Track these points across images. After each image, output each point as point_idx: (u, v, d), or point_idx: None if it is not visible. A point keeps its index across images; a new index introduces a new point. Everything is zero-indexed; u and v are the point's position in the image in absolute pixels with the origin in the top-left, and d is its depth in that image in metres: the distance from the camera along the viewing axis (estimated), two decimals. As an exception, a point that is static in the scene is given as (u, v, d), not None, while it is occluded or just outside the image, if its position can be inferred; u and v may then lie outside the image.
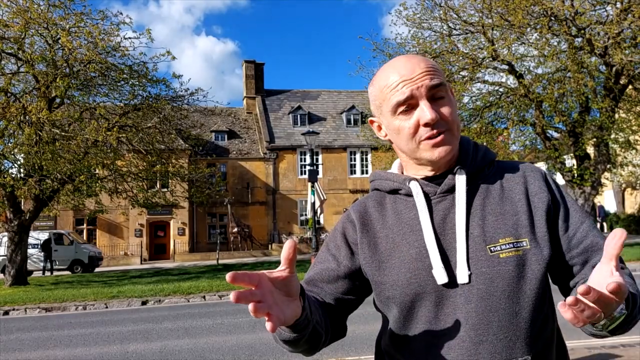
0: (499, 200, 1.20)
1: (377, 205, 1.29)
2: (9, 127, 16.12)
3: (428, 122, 1.15)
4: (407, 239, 1.20)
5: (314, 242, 16.72)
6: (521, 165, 1.28)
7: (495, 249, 1.14)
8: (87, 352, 7.37)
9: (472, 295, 1.12)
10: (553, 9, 15.04)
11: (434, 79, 1.17)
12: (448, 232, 1.18)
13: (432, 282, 1.15)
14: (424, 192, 1.22)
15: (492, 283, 1.12)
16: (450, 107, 1.19)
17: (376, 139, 23.31)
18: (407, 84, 1.16)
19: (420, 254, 1.17)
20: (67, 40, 15.06)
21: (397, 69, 1.19)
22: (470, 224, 1.17)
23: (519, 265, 1.13)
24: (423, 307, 1.16)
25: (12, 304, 12.56)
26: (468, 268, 1.13)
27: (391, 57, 18.68)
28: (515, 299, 1.12)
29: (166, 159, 19.79)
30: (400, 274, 1.18)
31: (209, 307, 11.34)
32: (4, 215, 18.22)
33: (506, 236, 1.15)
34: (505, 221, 1.17)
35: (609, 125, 15.91)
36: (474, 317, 1.12)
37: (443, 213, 1.20)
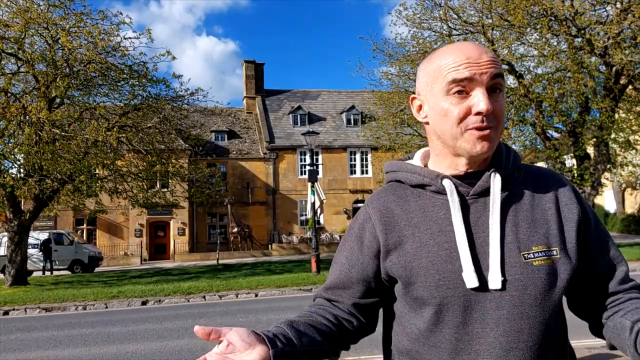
0: (530, 207, 1.18)
1: (399, 200, 1.24)
2: (9, 127, 16.12)
3: (481, 111, 1.10)
4: (436, 239, 1.16)
5: (314, 242, 16.71)
6: (548, 173, 1.26)
7: (529, 257, 1.13)
8: (87, 352, 7.37)
9: (504, 301, 1.11)
10: (553, 9, 15.04)
11: (498, 69, 1.13)
12: (480, 236, 1.15)
13: (461, 286, 1.12)
14: (457, 191, 1.18)
15: (525, 290, 1.11)
16: (502, 107, 1.15)
17: (376, 139, 23.32)
18: (472, 67, 1.11)
19: (450, 256, 1.14)
20: (67, 40, 15.05)
21: (464, 50, 1.14)
22: (504, 228, 1.15)
23: (549, 273, 1.12)
24: (451, 311, 1.13)
25: (12, 304, 12.57)
26: (502, 274, 1.11)
27: (391, 57, 18.84)
28: (546, 307, 1.12)
29: (166, 159, 19.78)
30: (428, 276, 1.14)
31: (209, 307, 11.34)
32: (4, 215, 18.22)
33: (539, 244, 1.14)
34: (537, 229, 1.15)
35: (609, 125, 15.91)
36: (505, 323, 1.10)
37: (475, 215, 1.16)
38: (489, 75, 1.11)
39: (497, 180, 1.17)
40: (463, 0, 17.15)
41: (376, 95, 21.97)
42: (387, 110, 21.46)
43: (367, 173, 35.48)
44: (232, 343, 1.03)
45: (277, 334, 1.11)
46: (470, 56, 1.12)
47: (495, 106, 1.12)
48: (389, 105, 21.06)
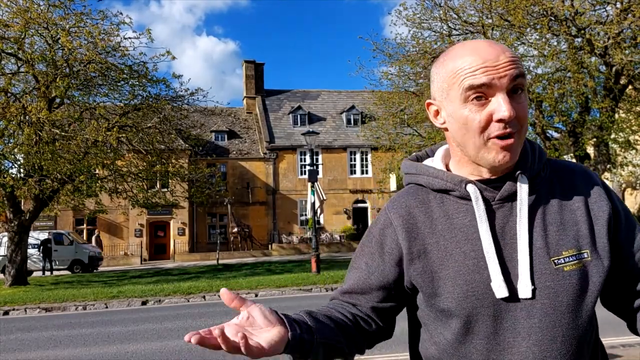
0: (558, 209, 1.12)
1: (421, 205, 1.18)
2: (9, 127, 16.12)
3: (503, 118, 1.04)
4: (461, 247, 1.11)
5: (314, 242, 16.71)
6: (575, 168, 1.19)
7: (559, 262, 1.08)
8: (87, 352, 7.36)
9: (535, 310, 1.07)
10: (553, 9, 15.04)
11: (520, 69, 1.06)
12: (508, 243, 1.10)
13: (490, 296, 1.08)
14: (482, 197, 1.12)
15: (557, 297, 1.07)
16: (526, 107, 1.08)
17: (376, 139, 23.31)
18: (489, 71, 1.04)
19: (477, 265, 1.09)
20: (67, 40, 15.06)
21: (479, 51, 1.06)
22: (532, 234, 1.10)
23: (581, 278, 1.08)
24: (481, 321, 1.10)
25: (12, 304, 12.57)
26: (532, 282, 1.07)
27: (391, 57, 18.84)
28: (578, 313, 1.08)
29: (166, 159, 19.78)
30: (456, 286, 1.10)
31: (209, 307, 11.34)
32: (4, 215, 18.23)
33: (569, 248, 1.09)
34: (567, 232, 1.10)
35: (608, 125, 15.91)
36: (538, 332, 1.07)
37: (502, 222, 1.11)
38: (508, 78, 1.04)
39: (524, 184, 1.11)
40: (463, 0, 17.16)
41: (376, 95, 21.97)
42: (387, 110, 21.46)
43: (367, 173, 35.48)
44: (253, 317, 1.03)
45: (297, 320, 1.10)
46: (487, 58, 1.05)
47: (517, 109, 1.05)
48: (389, 105, 21.06)
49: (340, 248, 31.12)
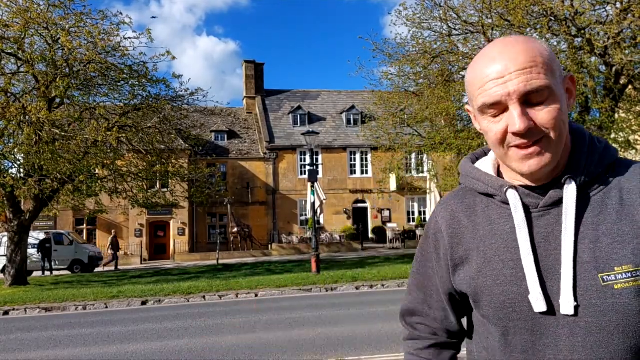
0: (617, 218, 1.02)
1: (467, 210, 1.15)
2: (9, 127, 16.12)
3: (516, 132, 1.00)
4: (500, 255, 1.07)
5: (314, 242, 16.70)
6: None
7: (609, 279, 0.99)
8: (87, 352, 7.37)
9: (579, 328, 1.00)
10: (553, 9, 15.04)
11: (532, 82, 0.98)
12: (551, 254, 1.04)
13: (528, 309, 1.03)
14: (523, 203, 1.06)
15: (604, 317, 0.99)
16: (553, 111, 1.00)
17: (376, 139, 23.32)
18: (498, 86, 1.00)
19: (515, 276, 1.05)
20: (67, 40, 15.05)
21: (490, 62, 1.02)
22: (579, 246, 1.01)
23: (638, 297, 0.97)
24: (518, 335, 1.05)
25: (12, 304, 12.56)
26: (575, 299, 1.00)
27: (391, 57, 18.84)
28: (632, 334, 0.98)
29: (166, 159, 19.78)
30: (493, 296, 1.07)
31: (209, 307, 11.34)
32: (4, 215, 18.22)
33: (623, 263, 0.99)
34: (624, 245, 1.00)
35: (609, 125, 15.91)
36: (581, 351, 1.00)
37: (545, 230, 1.05)
38: (517, 95, 0.99)
39: (571, 190, 1.03)
40: (463, 0, 17.15)
41: (376, 95, 21.96)
42: (387, 110, 21.46)
43: (367, 173, 35.48)
44: None
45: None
46: (495, 71, 1.01)
47: (537, 117, 1.00)
48: (389, 105, 21.06)
49: (340, 248, 31.11)
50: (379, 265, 18.14)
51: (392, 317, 8.60)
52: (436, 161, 23.11)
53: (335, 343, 6.97)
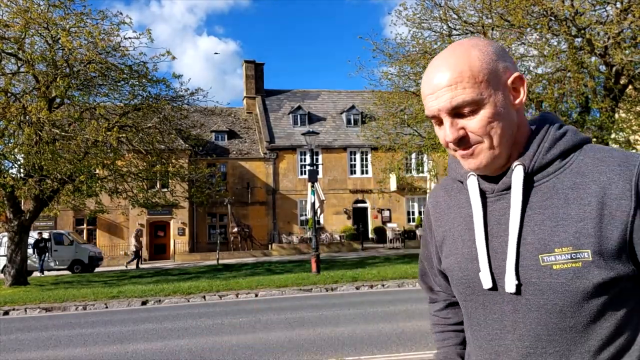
0: (564, 202, 1.05)
1: (446, 195, 1.27)
2: (9, 127, 16.12)
3: (448, 142, 1.09)
4: (462, 236, 1.17)
5: (314, 242, 16.71)
6: (613, 158, 1.06)
7: (548, 259, 1.03)
8: (87, 352, 7.37)
9: (521, 305, 1.06)
10: (553, 9, 15.04)
11: (456, 98, 1.05)
12: (501, 235, 1.10)
13: (479, 285, 1.12)
14: (481, 189, 1.14)
15: (543, 295, 1.04)
16: (482, 119, 1.06)
17: (376, 139, 23.32)
18: (432, 101, 1.09)
19: (471, 255, 1.14)
20: (67, 40, 15.05)
21: (428, 77, 1.10)
22: (524, 228, 1.07)
23: (575, 278, 1.01)
24: (474, 308, 1.16)
25: (12, 304, 12.56)
26: (517, 278, 1.05)
27: (391, 57, 18.83)
28: (570, 314, 1.02)
29: (166, 159, 19.78)
30: (456, 271, 1.18)
31: (209, 307, 11.34)
32: (4, 215, 18.22)
33: (563, 245, 1.02)
34: (567, 228, 1.03)
35: (609, 125, 15.91)
36: (522, 327, 1.07)
37: (498, 214, 1.11)
38: (446, 110, 1.07)
39: (518, 176, 1.09)
40: (463, 0, 17.16)
41: (376, 95, 21.97)
42: (387, 110, 21.46)
43: (367, 173, 35.47)
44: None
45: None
46: (430, 87, 1.09)
47: (468, 127, 1.07)
48: (389, 105, 21.06)
49: (341, 248, 31.11)
50: (379, 265, 18.14)
51: (392, 317, 8.60)
52: (436, 161, 23.11)
53: (335, 343, 6.97)
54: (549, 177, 1.09)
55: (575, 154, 1.10)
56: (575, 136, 1.12)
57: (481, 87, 1.05)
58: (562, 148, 1.10)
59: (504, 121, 1.07)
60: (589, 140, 1.13)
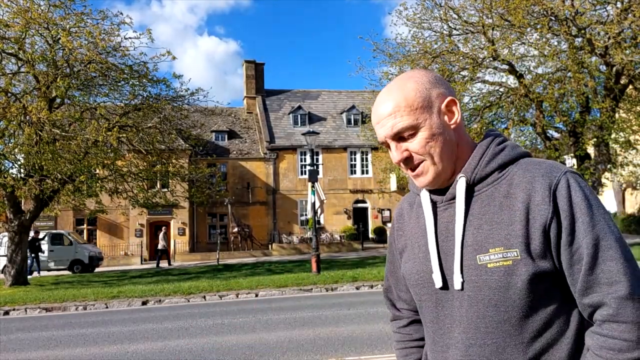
0: (499, 209, 1.19)
1: (409, 207, 1.41)
2: (9, 127, 16.11)
3: (396, 162, 1.26)
4: (418, 242, 1.31)
5: (314, 242, 16.70)
6: (538, 168, 1.20)
7: (484, 259, 1.17)
8: (87, 352, 7.36)
9: (464, 301, 1.20)
10: (553, 9, 15.03)
11: (396, 125, 1.22)
12: (450, 239, 1.24)
13: (432, 285, 1.25)
14: (432, 200, 1.29)
15: (480, 291, 1.17)
16: (421, 140, 1.21)
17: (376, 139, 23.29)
18: (379, 129, 1.26)
19: (425, 258, 1.28)
20: (67, 41, 15.04)
21: (375, 109, 1.27)
22: (465, 232, 1.21)
23: (506, 275, 1.14)
24: (427, 307, 1.29)
25: (12, 304, 12.56)
26: (461, 275, 1.19)
27: (392, 57, 18.82)
28: (503, 308, 1.15)
29: (166, 159, 19.78)
30: (412, 274, 1.31)
31: (209, 307, 11.34)
32: (4, 215, 18.23)
33: (496, 246, 1.16)
34: (500, 230, 1.17)
35: (609, 125, 15.90)
36: (465, 321, 1.20)
37: (447, 220, 1.26)
38: (390, 136, 1.24)
39: (460, 186, 1.23)
40: (463, 0, 17.15)
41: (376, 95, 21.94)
42: (388, 110, 21.42)
43: (367, 173, 35.47)
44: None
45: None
46: (376, 116, 1.25)
47: (411, 147, 1.23)
48: (389, 105, 21.03)
49: (341, 248, 31.11)
50: (379, 265, 18.13)
51: (392, 317, 8.58)
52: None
53: (335, 343, 6.97)
54: (487, 187, 1.23)
55: (511, 166, 1.24)
56: (512, 151, 1.26)
57: (417, 113, 1.22)
58: (500, 162, 1.24)
59: (441, 140, 1.23)
60: (528, 155, 1.27)
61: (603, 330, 1.09)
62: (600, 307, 1.11)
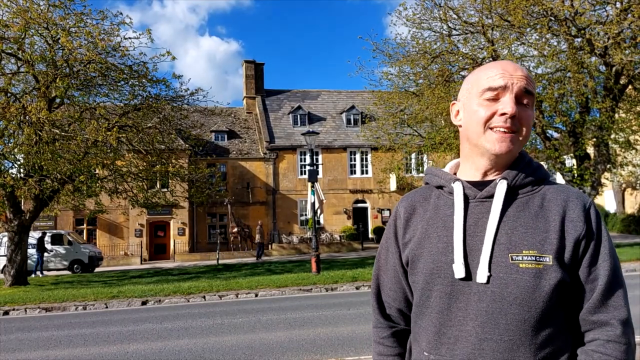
0: (534, 216, 1.25)
1: (422, 200, 1.41)
2: (9, 127, 16.10)
3: (506, 112, 1.25)
4: (438, 232, 1.31)
5: (314, 242, 16.70)
6: (569, 190, 1.31)
7: (516, 258, 1.21)
8: (87, 352, 7.37)
9: (486, 295, 1.22)
10: (553, 9, 15.04)
11: (530, 85, 1.28)
12: (477, 235, 1.26)
13: (450, 275, 1.26)
14: (465, 194, 1.31)
15: (507, 288, 1.20)
16: (529, 117, 1.28)
17: (376, 139, 23.32)
18: (506, 77, 1.27)
19: (445, 249, 1.28)
20: (67, 41, 15.04)
21: (502, 65, 1.30)
22: (499, 231, 1.24)
23: (536, 277, 1.19)
24: (437, 297, 1.28)
25: (12, 304, 12.56)
26: (489, 270, 1.22)
27: (391, 57, 18.84)
28: (526, 307, 1.19)
29: (166, 159, 19.76)
30: (427, 263, 1.30)
31: (208, 307, 11.34)
32: (4, 215, 18.21)
33: (530, 249, 1.21)
34: (535, 235, 1.23)
35: (609, 125, 15.91)
36: (484, 315, 1.21)
37: (477, 217, 1.28)
38: (519, 87, 1.27)
39: (502, 187, 1.27)
40: (463, 1, 17.16)
41: (376, 95, 21.97)
42: (387, 110, 21.47)
43: (367, 173, 35.47)
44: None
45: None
46: (506, 69, 1.28)
47: (521, 113, 1.27)
48: (389, 105, 21.07)
49: (341, 248, 31.10)
50: (379, 265, 18.11)
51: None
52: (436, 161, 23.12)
53: (335, 343, 6.97)
54: (524, 195, 1.29)
55: (542, 185, 1.32)
56: (545, 172, 1.34)
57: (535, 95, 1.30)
58: (537, 176, 1.32)
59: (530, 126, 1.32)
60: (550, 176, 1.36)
61: (607, 350, 1.19)
62: (604, 326, 1.21)
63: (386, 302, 1.48)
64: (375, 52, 18.89)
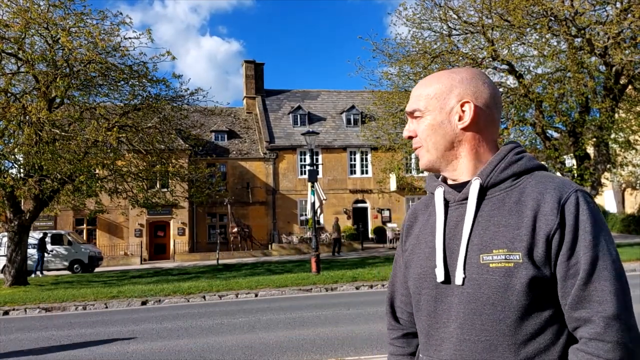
0: (507, 213, 1.23)
1: (424, 208, 1.45)
2: (9, 127, 16.11)
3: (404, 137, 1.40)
4: (426, 238, 1.36)
5: (314, 242, 16.71)
6: (552, 182, 1.25)
7: (486, 258, 1.21)
8: (87, 352, 7.37)
9: (463, 297, 1.23)
10: (553, 9, 15.04)
11: (411, 105, 1.36)
12: (456, 237, 1.28)
13: (434, 279, 1.29)
14: (445, 199, 1.34)
15: (480, 289, 1.21)
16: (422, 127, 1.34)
17: (376, 139, 23.33)
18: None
19: (431, 253, 1.32)
20: (67, 40, 15.04)
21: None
22: (473, 232, 1.25)
23: (506, 276, 1.18)
24: (425, 301, 1.32)
25: (12, 304, 12.56)
26: (463, 272, 1.23)
27: (391, 57, 18.84)
28: (500, 307, 1.19)
29: (166, 159, 19.76)
30: (416, 268, 1.36)
31: (208, 307, 11.34)
32: (4, 215, 18.21)
33: (500, 247, 1.20)
34: (505, 233, 1.21)
35: (609, 125, 15.91)
36: (462, 316, 1.23)
37: (456, 220, 1.30)
38: (408, 111, 1.37)
39: (474, 188, 1.28)
40: (463, 1, 17.16)
41: (376, 95, 21.97)
42: (387, 110, 21.45)
43: (367, 173, 35.47)
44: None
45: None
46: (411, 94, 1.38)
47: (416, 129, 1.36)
48: (389, 105, 21.05)
49: (341, 248, 31.11)
50: (379, 265, 18.14)
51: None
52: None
53: (335, 343, 6.97)
54: (500, 192, 1.27)
55: (526, 176, 1.28)
56: (528, 162, 1.30)
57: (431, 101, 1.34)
58: (515, 170, 1.28)
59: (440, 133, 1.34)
60: (543, 167, 1.32)
61: (589, 348, 1.13)
62: (587, 323, 1.15)
63: (398, 307, 1.53)
64: (375, 52, 18.91)
